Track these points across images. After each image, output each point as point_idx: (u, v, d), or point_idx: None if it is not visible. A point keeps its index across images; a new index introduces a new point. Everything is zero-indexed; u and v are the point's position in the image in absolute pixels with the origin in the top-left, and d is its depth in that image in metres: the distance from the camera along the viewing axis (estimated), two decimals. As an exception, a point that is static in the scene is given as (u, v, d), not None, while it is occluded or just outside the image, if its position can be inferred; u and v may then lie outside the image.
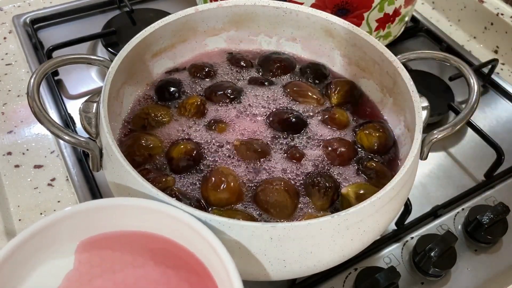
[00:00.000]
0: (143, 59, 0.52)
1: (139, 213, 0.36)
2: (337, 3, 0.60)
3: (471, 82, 0.48)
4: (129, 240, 0.37)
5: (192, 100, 0.51)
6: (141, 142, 0.46)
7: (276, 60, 0.56)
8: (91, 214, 0.36)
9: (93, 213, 0.36)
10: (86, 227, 0.37)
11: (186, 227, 0.35)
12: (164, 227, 0.37)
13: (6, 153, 0.59)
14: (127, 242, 0.38)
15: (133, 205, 0.36)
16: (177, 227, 0.36)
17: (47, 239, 0.35)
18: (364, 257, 0.52)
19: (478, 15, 0.81)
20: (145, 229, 0.37)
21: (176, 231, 0.36)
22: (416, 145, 0.42)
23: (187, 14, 0.52)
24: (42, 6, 0.79)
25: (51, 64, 0.45)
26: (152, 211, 0.36)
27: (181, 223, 0.35)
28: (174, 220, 0.35)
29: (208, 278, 0.36)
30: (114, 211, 0.36)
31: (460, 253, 0.52)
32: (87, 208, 0.36)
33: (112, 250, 0.37)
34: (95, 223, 0.37)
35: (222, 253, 0.33)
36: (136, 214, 0.36)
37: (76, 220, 0.36)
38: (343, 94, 0.53)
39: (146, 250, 0.38)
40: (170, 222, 0.36)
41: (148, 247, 0.38)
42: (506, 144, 0.64)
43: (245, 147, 0.47)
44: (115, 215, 0.36)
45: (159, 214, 0.36)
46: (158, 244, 0.37)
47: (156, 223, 0.37)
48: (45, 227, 0.34)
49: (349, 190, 0.44)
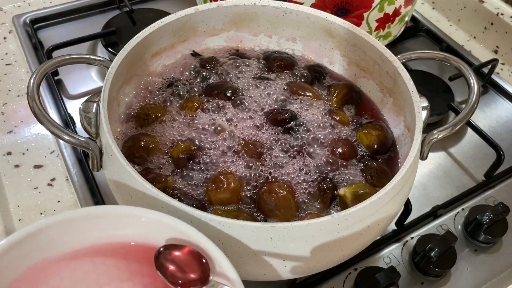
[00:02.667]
0: (143, 59, 0.52)
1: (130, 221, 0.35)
2: (337, 3, 0.60)
3: (471, 82, 0.48)
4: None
5: (192, 100, 0.51)
6: (141, 142, 0.47)
7: (277, 58, 0.56)
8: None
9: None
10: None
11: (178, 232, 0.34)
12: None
13: (6, 153, 0.59)
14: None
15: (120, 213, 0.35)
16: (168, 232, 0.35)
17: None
18: (364, 257, 0.52)
19: (478, 15, 0.81)
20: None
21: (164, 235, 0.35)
22: (416, 145, 0.42)
23: (187, 14, 0.52)
24: (42, 6, 0.78)
25: (51, 64, 0.45)
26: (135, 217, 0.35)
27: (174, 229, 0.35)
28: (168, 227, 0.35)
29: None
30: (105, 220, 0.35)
31: (460, 253, 0.52)
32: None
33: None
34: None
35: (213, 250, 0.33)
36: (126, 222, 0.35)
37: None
38: (342, 97, 0.53)
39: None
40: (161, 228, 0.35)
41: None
42: (506, 144, 0.64)
43: (245, 146, 0.47)
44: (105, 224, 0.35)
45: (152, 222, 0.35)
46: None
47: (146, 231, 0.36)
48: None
49: (346, 191, 0.44)
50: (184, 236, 0.34)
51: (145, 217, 0.35)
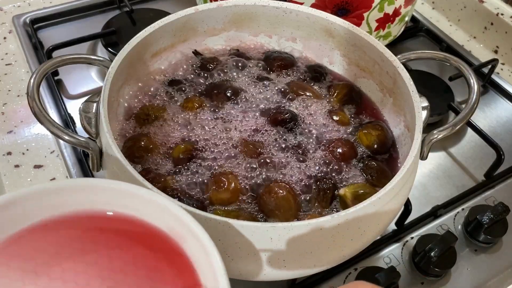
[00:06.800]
0: (143, 59, 0.52)
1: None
2: (337, 3, 0.60)
3: (471, 82, 0.48)
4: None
5: (192, 100, 0.51)
6: (141, 142, 0.47)
7: (277, 58, 0.56)
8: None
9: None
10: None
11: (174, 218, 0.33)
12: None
13: (6, 153, 0.59)
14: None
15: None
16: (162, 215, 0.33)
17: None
18: (364, 257, 0.52)
19: (478, 15, 0.81)
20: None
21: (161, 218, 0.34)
22: (416, 145, 0.42)
23: (187, 14, 0.52)
24: (42, 6, 0.79)
25: (51, 64, 0.45)
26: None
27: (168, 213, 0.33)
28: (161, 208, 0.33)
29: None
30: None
31: (460, 253, 0.52)
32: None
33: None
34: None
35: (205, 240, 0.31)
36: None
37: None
38: (342, 97, 0.53)
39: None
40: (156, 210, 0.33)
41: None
42: (506, 144, 0.64)
43: (245, 146, 0.47)
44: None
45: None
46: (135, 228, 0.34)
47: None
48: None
49: (346, 191, 0.44)
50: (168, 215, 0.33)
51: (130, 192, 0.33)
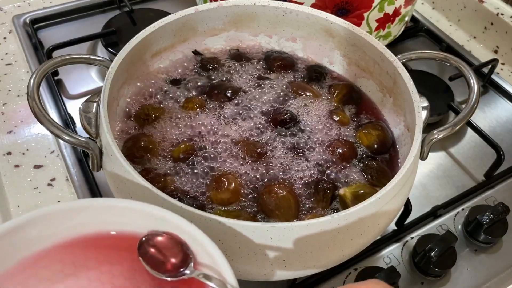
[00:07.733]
0: (143, 59, 0.52)
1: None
2: (337, 3, 0.60)
3: (471, 82, 0.48)
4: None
5: (192, 100, 0.51)
6: (141, 142, 0.47)
7: (277, 58, 0.56)
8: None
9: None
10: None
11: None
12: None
13: (6, 153, 0.59)
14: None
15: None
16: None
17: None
18: (364, 257, 0.52)
19: (478, 15, 0.81)
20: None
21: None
22: (416, 145, 0.42)
23: (187, 14, 0.52)
24: (42, 6, 0.79)
25: (51, 64, 0.45)
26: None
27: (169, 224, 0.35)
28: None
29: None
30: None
31: (460, 253, 0.52)
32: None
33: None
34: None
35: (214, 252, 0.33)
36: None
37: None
38: (342, 97, 0.53)
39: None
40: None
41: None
42: (506, 144, 0.64)
43: (245, 146, 0.47)
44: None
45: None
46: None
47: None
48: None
49: (346, 191, 0.44)
50: (168, 224, 0.35)
51: (128, 207, 0.35)
